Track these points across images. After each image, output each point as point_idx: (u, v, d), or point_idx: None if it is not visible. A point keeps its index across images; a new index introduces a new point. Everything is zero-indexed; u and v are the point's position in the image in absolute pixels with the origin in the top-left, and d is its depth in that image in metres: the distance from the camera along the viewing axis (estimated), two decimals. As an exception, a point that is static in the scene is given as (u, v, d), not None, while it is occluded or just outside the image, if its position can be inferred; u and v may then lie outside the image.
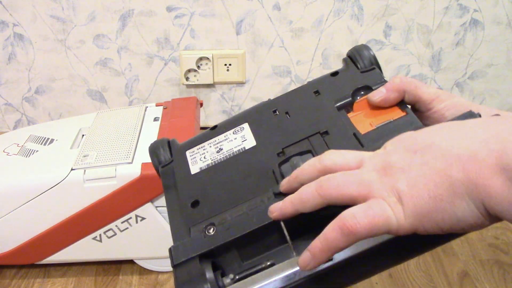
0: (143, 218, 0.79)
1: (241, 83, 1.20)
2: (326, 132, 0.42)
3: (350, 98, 0.44)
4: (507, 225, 0.96)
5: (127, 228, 0.80)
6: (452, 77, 1.20)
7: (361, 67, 0.46)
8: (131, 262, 0.87)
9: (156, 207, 0.79)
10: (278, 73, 1.19)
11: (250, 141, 0.45)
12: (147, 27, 1.11)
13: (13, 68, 1.15)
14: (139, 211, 0.78)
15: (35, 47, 1.13)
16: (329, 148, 0.40)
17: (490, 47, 1.16)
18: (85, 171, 0.76)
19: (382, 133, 0.40)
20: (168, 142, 0.49)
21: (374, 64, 0.46)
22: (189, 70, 1.16)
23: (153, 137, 0.83)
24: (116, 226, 0.79)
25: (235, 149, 0.45)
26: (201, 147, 0.47)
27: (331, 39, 1.14)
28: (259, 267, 0.36)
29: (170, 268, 0.86)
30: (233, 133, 0.46)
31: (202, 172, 0.44)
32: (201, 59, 1.15)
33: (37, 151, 0.84)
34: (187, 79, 1.17)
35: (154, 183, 0.76)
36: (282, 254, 0.37)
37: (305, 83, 0.48)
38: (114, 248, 0.82)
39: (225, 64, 1.16)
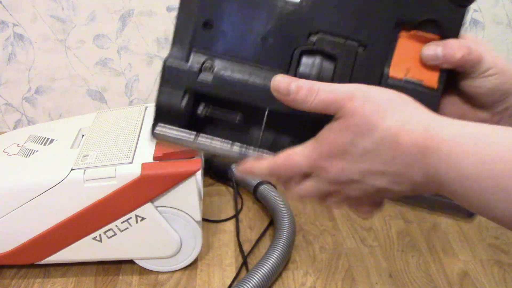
0: (143, 218, 0.79)
1: (241, 83, 1.20)
2: (365, 46, 0.39)
3: (416, 23, 0.39)
4: (507, 225, 0.96)
5: (127, 228, 0.80)
6: (452, 77, 1.20)
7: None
8: (131, 262, 0.87)
9: (156, 207, 0.79)
10: (278, 73, 1.19)
11: None
12: (147, 27, 1.11)
13: (13, 68, 1.15)
14: (139, 211, 0.78)
15: (35, 47, 1.13)
16: (351, 70, 0.39)
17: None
18: (85, 171, 0.76)
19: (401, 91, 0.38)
20: None
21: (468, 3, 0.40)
22: (189, 70, 1.16)
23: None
24: (116, 226, 0.79)
25: None
26: None
27: (331, 39, 1.14)
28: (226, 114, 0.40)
29: (170, 268, 0.86)
30: None
31: None
32: (201, 59, 1.15)
33: (37, 151, 0.84)
34: (187, 79, 1.17)
35: (154, 183, 0.76)
36: (248, 136, 0.41)
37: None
38: (114, 248, 0.82)
39: (225, 64, 1.16)
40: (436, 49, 0.38)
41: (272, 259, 0.81)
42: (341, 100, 0.35)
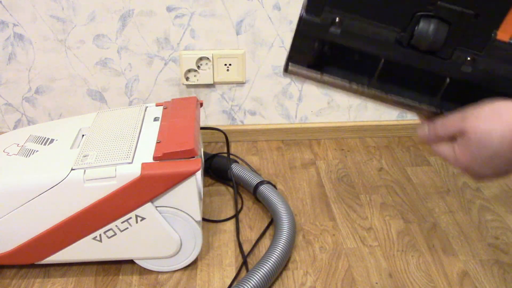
0: (143, 218, 0.79)
1: (241, 83, 1.20)
2: (477, 16, 0.44)
3: None
4: (507, 225, 0.96)
5: (127, 228, 0.80)
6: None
7: None
8: (131, 262, 0.87)
9: (156, 207, 0.79)
10: (278, 73, 1.19)
11: None
12: (147, 27, 1.11)
13: (13, 68, 1.15)
14: (139, 211, 0.78)
15: (35, 47, 1.13)
16: (464, 37, 0.45)
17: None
18: (85, 171, 0.76)
19: (504, 55, 0.44)
20: None
21: None
22: (189, 70, 1.16)
23: (153, 137, 0.83)
24: (116, 226, 0.79)
25: None
26: None
27: (331, 39, 1.14)
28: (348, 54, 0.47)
29: (170, 268, 0.86)
30: None
31: None
32: (201, 59, 1.15)
33: (37, 151, 0.84)
34: (187, 79, 1.17)
35: (154, 183, 0.76)
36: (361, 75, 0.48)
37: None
38: (114, 248, 0.82)
39: (225, 64, 1.16)
40: None
41: (272, 259, 0.81)
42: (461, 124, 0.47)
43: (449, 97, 0.48)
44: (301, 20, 0.46)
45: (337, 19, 0.45)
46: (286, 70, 0.49)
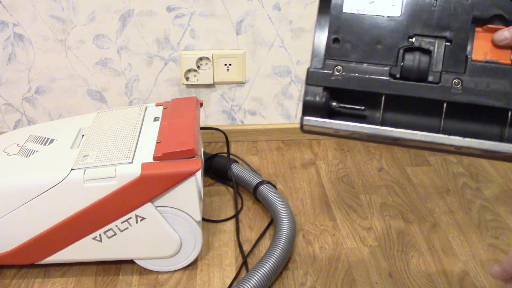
0: (143, 218, 0.79)
1: (241, 83, 1.20)
2: (451, 41, 0.52)
3: (487, 18, 0.51)
4: (507, 225, 0.96)
5: (127, 228, 0.80)
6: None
7: None
8: (131, 262, 0.87)
9: (156, 207, 0.79)
10: (278, 73, 1.19)
11: (395, 10, 0.53)
12: (147, 27, 1.11)
13: (13, 68, 1.15)
14: (139, 211, 0.78)
15: (35, 47, 1.13)
16: (442, 63, 0.52)
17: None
18: (85, 171, 0.76)
19: (483, 72, 0.51)
20: None
21: None
22: (189, 70, 1.16)
23: (153, 137, 0.83)
24: (116, 226, 0.79)
25: (380, 12, 0.53)
26: None
27: (331, 39, 1.14)
28: (354, 107, 0.55)
29: (170, 268, 0.86)
30: None
31: (351, 15, 0.54)
32: (201, 59, 1.15)
33: (37, 151, 0.84)
34: (187, 79, 1.17)
35: (154, 183, 0.76)
36: (370, 114, 0.55)
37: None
38: (114, 248, 0.82)
39: (225, 64, 1.16)
40: (503, 33, 0.50)
41: (272, 259, 0.81)
42: None
43: (451, 118, 0.54)
44: (308, 72, 0.54)
45: (338, 67, 0.54)
46: (302, 127, 0.56)
